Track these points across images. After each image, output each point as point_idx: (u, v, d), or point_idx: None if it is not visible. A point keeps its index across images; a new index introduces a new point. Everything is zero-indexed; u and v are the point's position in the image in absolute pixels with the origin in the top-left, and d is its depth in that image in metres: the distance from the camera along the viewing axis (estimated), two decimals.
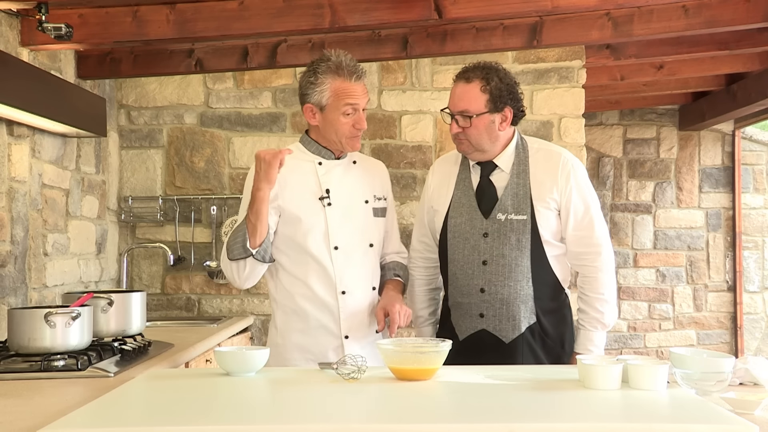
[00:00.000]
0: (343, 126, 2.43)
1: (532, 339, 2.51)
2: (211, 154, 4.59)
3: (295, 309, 2.48)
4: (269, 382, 1.97)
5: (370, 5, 3.38)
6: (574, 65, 4.54)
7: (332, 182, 2.49)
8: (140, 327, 2.73)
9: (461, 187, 2.59)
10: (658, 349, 6.80)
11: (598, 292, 2.52)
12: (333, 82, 2.41)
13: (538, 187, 2.51)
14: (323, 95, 2.41)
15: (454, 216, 2.57)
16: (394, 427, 1.53)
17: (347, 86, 2.41)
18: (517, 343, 2.49)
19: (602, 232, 2.54)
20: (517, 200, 2.50)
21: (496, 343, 2.49)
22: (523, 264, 2.48)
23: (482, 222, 2.52)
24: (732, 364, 1.87)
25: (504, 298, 2.49)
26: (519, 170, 2.53)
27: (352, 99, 2.41)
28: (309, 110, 2.46)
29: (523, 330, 2.50)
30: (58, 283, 3.65)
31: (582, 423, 1.56)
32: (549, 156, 2.55)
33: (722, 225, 6.89)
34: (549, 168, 2.52)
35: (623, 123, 6.94)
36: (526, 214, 2.48)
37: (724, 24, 3.85)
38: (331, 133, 2.46)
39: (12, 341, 2.30)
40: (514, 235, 2.48)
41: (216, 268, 4.50)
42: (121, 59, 4.09)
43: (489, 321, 2.50)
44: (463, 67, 2.55)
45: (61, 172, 3.71)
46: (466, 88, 2.49)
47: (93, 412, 1.63)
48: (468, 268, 2.53)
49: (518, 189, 2.51)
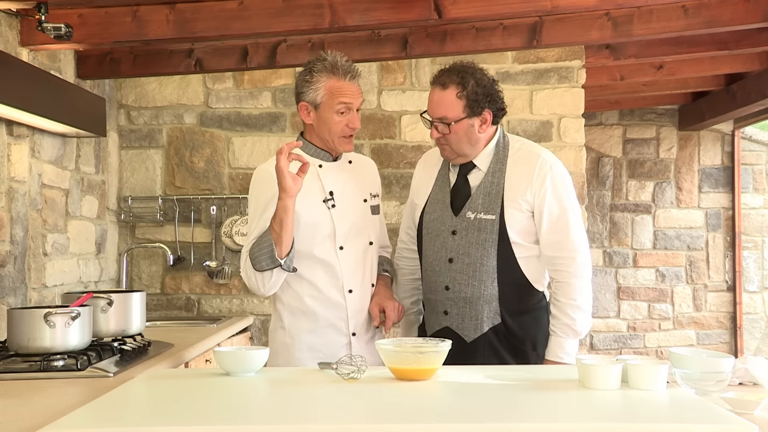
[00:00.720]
0: (336, 125, 2.45)
1: (496, 339, 2.48)
2: (211, 154, 4.59)
3: (303, 309, 2.49)
4: (269, 383, 1.97)
5: (370, 5, 3.38)
6: (574, 65, 4.54)
7: (334, 184, 2.52)
8: (140, 327, 2.73)
9: (439, 183, 2.60)
10: (658, 349, 6.81)
11: (570, 298, 2.46)
12: (328, 81, 2.44)
13: (512, 187, 2.48)
14: (318, 93, 2.45)
15: (429, 212, 2.59)
16: (393, 427, 1.53)
17: (341, 85, 2.44)
18: (477, 343, 2.48)
19: (578, 237, 2.49)
20: (489, 199, 2.48)
21: (458, 341, 2.42)
22: (489, 264, 2.46)
23: (452, 219, 2.52)
24: (731, 364, 1.87)
25: (467, 297, 2.48)
26: (495, 169, 2.51)
27: (345, 98, 2.44)
28: (304, 108, 2.49)
29: (486, 330, 2.48)
30: (57, 283, 3.65)
31: (581, 423, 1.56)
32: (528, 157, 2.52)
33: (722, 225, 6.89)
34: (526, 169, 2.49)
35: (623, 123, 6.94)
36: (495, 213, 2.46)
37: (723, 24, 3.85)
38: (324, 132, 2.48)
39: (11, 341, 2.30)
40: (481, 235, 2.46)
41: (215, 268, 4.50)
42: (120, 59, 4.09)
43: (452, 319, 2.51)
44: (439, 71, 2.51)
45: (60, 172, 3.71)
46: (442, 94, 2.47)
47: (93, 413, 1.63)
48: (436, 264, 2.54)
49: (491, 188, 2.49)
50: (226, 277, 4.51)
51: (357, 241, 2.52)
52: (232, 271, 4.53)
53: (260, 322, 4.53)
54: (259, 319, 4.53)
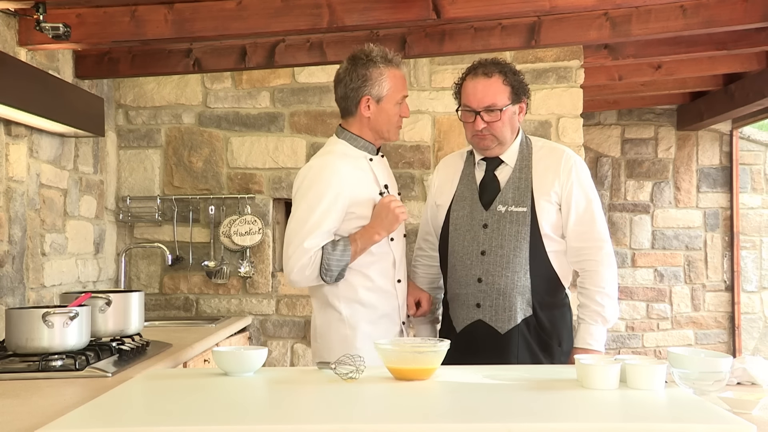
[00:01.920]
0: (395, 116, 2.54)
1: (527, 332, 2.51)
2: (210, 154, 4.58)
3: (361, 301, 2.54)
4: (267, 382, 1.97)
5: (369, 5, 3.38)
6: (572, 65, 4.54)
7: (383, 177, 2.60)
8: (138, 327, 2.73)
9: (465, 181, 2.64)
10: (656, 349, 6.81)
11: (599, 286, 2.52)
12: (389, 72, 2.51)
13: (540, 180, 2.55)
14: (383, 86, 2.50)
15: (456, 209, 2.62)
16: (392, 427, 1.53)
17: (400, 75, 2.54)
18: (512, 334, 2.50)
19: (603, 228, 2.57)
20: (518, 193, 2.53)
21: (492, 333, 2.50)
22: (521, 255, 2.50)
23: (482, 213, 2.55)
24: (730, 363, 1.88)
25: (501, 289, 2.50)
26: (522, 165, 2.57)
27: (405, 88, 2.56)
28: (365, 102, 2.51)
29: (519, 321, 2.51)
30: (56, 283, 3.65)
31: (580, 423, 1.56)
32: (552, 152, 2.61)
33: (720, 225, 6.89)
34: (551, 163, 2.56)
35: (621, 123, 6.94)
36: (526, 206, 2.51)
37: (722, 24, 3.85)
38: (382, 124, 2.54)
39: (10, 341, 2.30)
40: (514, 227, 2.51)
41: (214, 268, 4.49)
42: (119, 59, 4.08)
43: (485, 311, 2.52)
44: (475, 64, 2.59)
45: (59, 171, 3.71)
46: (488, 82, 2.53)
47: (91, 412, 1.63)
48: (467, 258, 2.56)
49: (520, 182, 2.55)
50: (224, 276, 4.51)
51: (400, 233, 2.63)
52: (231, 271, 4.52)
53: (259, 322, 4.53)
54: (258, 319, 4.53)
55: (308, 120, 4.57)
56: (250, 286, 4.55)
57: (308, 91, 4.57)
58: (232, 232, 4.45)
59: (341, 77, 2.54)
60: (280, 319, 4.54)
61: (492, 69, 2.55)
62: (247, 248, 4.49)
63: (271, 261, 4.56)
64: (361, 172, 2.52)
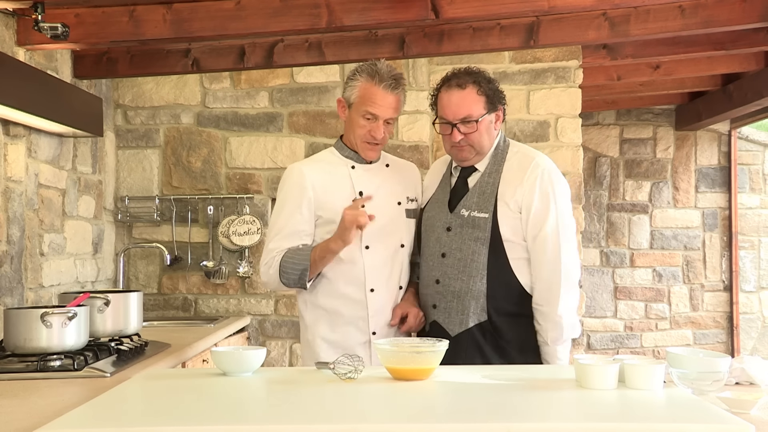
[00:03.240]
0: (360, 129, 2.52)
1: (481, 337, 2.47)
2: (208, 154, 4.58)
3: (323, 306, 2.56)
4: (266, 382, 1.97)
5: (367, 5, 3.38)
6: (571, 65, 4.54)
7: (364, 185, 2.57)
8: (137, 327, 2.73)
9: (441, 185, 2.67)
10: (655, 349, 6.81)
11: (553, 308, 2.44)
12: (364, 84, 2.51)
13: (505, 186, 2.50)
14: (353, 92, 2.53)
15: (427, 210, 2.66)
16: (390, 427, 1.53)
17: (374, 92, 2.49)
18: (461, 338, 2.47)
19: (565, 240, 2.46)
20: (483, 198, 2.51)
21: (444, 335, 2.43)
22: (479, 260, 2.47)
23: (447, 216, 2.56)
24: (728, 363, 1.88)
25: (455, 292, 2.50)
26: (492, 170, 2.54)
27: (373, 106, 2.49)
28: (340, 103, 2.59)
29: (471, 325, 2.48)
30: (54, 283, 3.65)
31: (579, 423, 1.56)
32: (523, 159, 2.54)
33: (719, 225, 6.90)
34: (519, 170, 2.51)
35: (620, 123, 6.94)
36: (488, 212, 2.48)
37: (720, 24, 3.85)
38: (351, 133, 2.57)
39: (8, 341, 2.30)
40: (474, 232, 2.48)
41: (213, 268, 4.49)
42: (117, 59, 4.08)
43: (440, 313, 2.54)
44: (449, 75, 2.54)
45: (57, 171, 3.71)
46: (462, 94, 2.48)
47: (89, 413, 1.63)
48: (429, 259, 2.58)
49: (486, 187, 2.52)
50: (223, 276, 4.51)
51: (386, 242, 2.57)
52: (229, 271, 4.52)
53: (257, 322, 4.53)
54: (256, 319, 4.53)
55: (307, 120, 4.57)
56: (249, 286, 4.54)
57: (307, 91, 4.57)
58: (231, 232, 4.45)
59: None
60: (279, 319, 4.53)
61: (465, 79, 2.49)
62: (246, 248, 4.48)
63: None
64: (335, 180, 2.55)
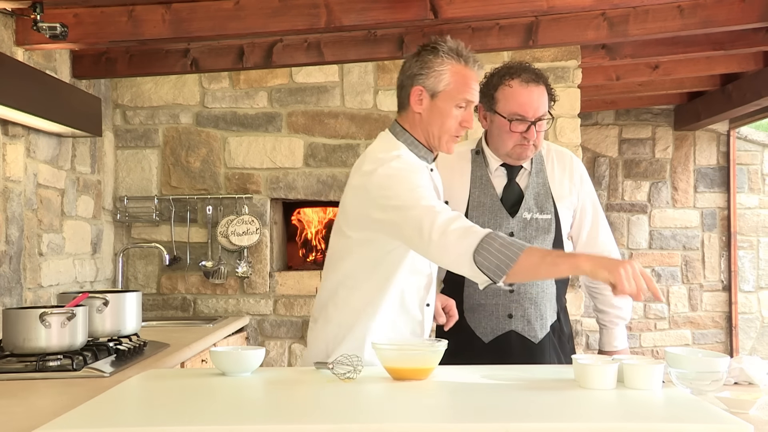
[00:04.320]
0: (452, 119, 2.13)
1: (554, 337, 2.50)
2: (207, 154, 4.58)
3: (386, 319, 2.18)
4: (265, 383, 1.97)
5: (366, 5, 3.38)
6: (570, 65, 4.54)
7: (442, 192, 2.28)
8: (136, 327, 2.73)
9: (479, 186, 2.50)
10: (654, 349, 6.82)
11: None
12: (454, 67, 2.12)
13: (558, 187, 2.50)
14: (440, 79, 2.11)
15: (476, 216, 2.45)
16: (389, 427, 1.53)
17: (470, 75, 2.13)
18: (545, 342, 2.47)
19: (610, 234, 2.63)
20: (539, 199, 2.47)
21: (525, 343, 2.43)
22: None
23: (508, 221, 2.45)
24: (727, 363, 1.88)
25: (533, 297, 2.45)
26: (537, 169, 2.51)
27: (470, 92, 2.14)
28: (417, 93, 2.13)
29: (548, 329, 2.49)
30: (53, 283, 3.65)
31: (578, 423, 1.56)
32: (561, 157, 2.55)
33: (717, 225, 6.90)
34: (564, 170, 2.53)
35: (619, 123, 6.95)
36: (550, 213, 2.47)
37: (719, 24, 3.86)
38: (434, 126, 2.15)
39: (7, 341, 2.30)
40: (540, 234, 2.45)
41: (211, 268, 4.48)
42: (116, 59, 4.08)
43: (517, 321, 2.45)
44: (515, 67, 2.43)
45: (56, 171, 3.71)
46: (541, 90, 2.40)
47: (88, 413, 1.63)
48: None
49: (539, 188, 2.49)
50: (222, 277, 4.51)
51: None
52: (228, 271, 4.52)
53: (256, 322, 4.53)
54: (255, 319, 4.53)
55: (306, 120, 4.57)
56: (248, 286, 4.54)
57: (306, 91, 4.57)
58: (230, 232, 4.45)
59: (404, 63, 2.21)
60: (278, 319, 4.53)
61: (539, 76, 2.42)
62: (245, 248, 4.48)
63: (269, 261, 4.56)
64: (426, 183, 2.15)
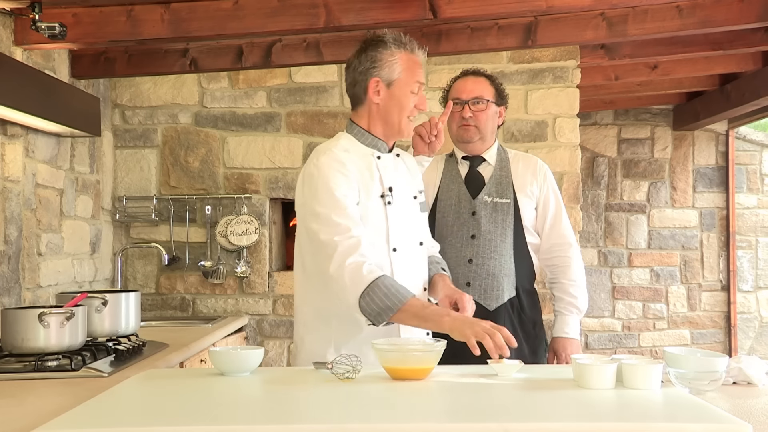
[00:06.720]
0: (409, 104, 2.31)
1: (511, 311, 2.75)
2: (206, 154, 4.58)
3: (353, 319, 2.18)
4: (264, 382, 1.97)
5: (365, 5, 3.38)
6: (569, 65, 4.55)
7: (390, 178, 2.33)
8: (135, 327, 2.73)
9: (448, 176, 2.87)
10: (653, 349, 6.82)
11: (571, 279, 2.83)
12: (403, 56, 2.28)
13: (519, 179, 2.82)
14: (394, 68, 2.26)
15: (444, 198, 2.83)
16: (389, 427, 1.53)
17: (417, 60, 2.31)
18: (500, 311, 2.72)
19: (570, 227, 2.89)
20: (501, 187, 2.80)
21: (481, 310, 2.64)
22: (507, 241, 2.76)
23: (470, 202, 2.79)
24: (726, 363, 1.88)
25: (490, 270, 2.74)
26: (501, 165, 2.85)
27: (420, 75, 2.32)
28: (374, 85, 2.27)
29: (505, 300, 2.74)
30: (52, 283, 3.64)
31: (577, 422, 1.56)
32: (527, 159, 2.90)
33: (716, 225, 6.91)
34: (527, 168, 2.86)
35: (618, 123, 6.95)
36: (509, 198, 2.78)
37: (718, 24, 3.86)
38: (393, 113, 2.30)
39: (5, 341, 2.30)
40: (500, 215, 2.77)
41: (210, 268, 4.49)
42: (115, 59, 4.08)
43: (475, 290, 2.72)
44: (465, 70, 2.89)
45: (55, 171, 3.70)
46: (477, 80, 2.81)
47: (87, 413, 1.63)
48: (457, 242, 2.77)
49: (501, 179, 2.82)
50: (221, 276, 4.51)
51: (409, 242, 2.34)
52: (227, 271, 4.52)
53: (255, 322, 4.53)
54: (254, 319, 4.53)
55: (305, 120, 4.57)
56: (247, 286, 4.54)
57: (305, 91, 4.57)
58: (229, 232, 4.45)
59: (351, 62, 2.33)
60: (277, 319, 4.53)
61: (479, 73, 2.85)
62: (244, 248, 4.48)
63: (268, 261, 4.56)
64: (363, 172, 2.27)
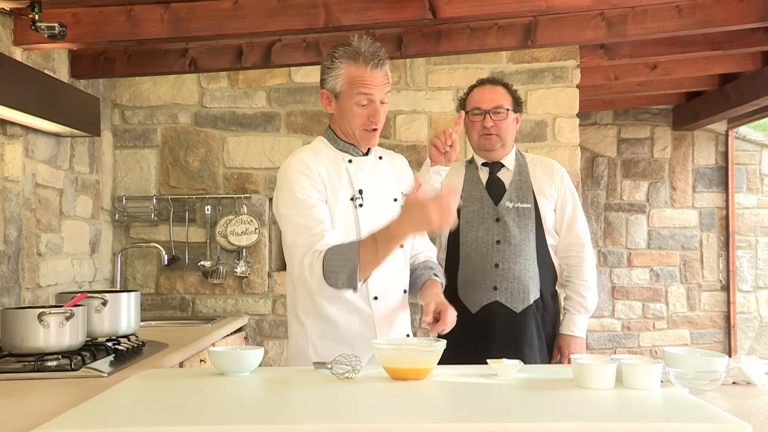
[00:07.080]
0: (356, 117, 2.30)
1: (536, 312, 2.85)
2: (206, 154, 4.58)
3: (326, 316, 2.30)
4: (263, 382, 1.97)
5: (365, 5, 3.38)
6: (569, 65, 4.55)
7: (363, 181, 2.35)
8: (134, 327, 2.73)
9: (470, 183, 2.94)
10: (652, 349, 6.82)
11: (582, 279, 2.92)
12: (348, 69, 2.27)
13: (538, 183, 2.90)
14: (337, 81, 2.29)
15: (467, 206, 2.89)
16: (388, 427, 1.53)
17: (362, 74, 2.26)
18: (526, 314, 2.83)
19: (586, 228, 2.96)
20: (521, 192, 2.89)
21: (508, 313, 2.80)
22: (530, 245, 2.85)
23: (493, 208, 2.88)
24: (725, 363, 1.88)
25: (516, 274, 2.83)
26: (520, 170, 2.93)
27: (365, 88, 2.27)
28: (324, 96, 2.34)
29: (531, 302, 2.84)
30: (51, 283, 3.64)
31: (576, 422, 1.56)
32: (544, 162, 2.98)
33: (716, 225, 6.91)
34: (545, 171, 2.94)
35: (617, 123, 6.96)
36: (529, 203, 2.87)
37: (717, 24, 3.87)
38: (344, 123, 2.33)
39: (5, 341, 2.29)
40: (522, 220, 2.85)
41: (210, 268, 4.48)
42: (114, 59, 4.08)
43: (501, 294, 2.83)
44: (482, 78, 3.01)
45: (54, 171, 3.70)
46: (495, 89, 2.90)
47: (87, 413, 1.63)
48: (483, 247, 2.86)
49: (521, 184, 2.91)
50: (220, 276, 4.51)
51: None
52: (227, 271, 4.52)
53: (255, 322, 4.53)
54: (254, 319, 4.53)
55: (304, 120, 4.57)
56: (247, 286, 4.54)
57: (304, 91, 4.57)
58: (229, 232, 4.45)
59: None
60: (277, 319, 4.53)
61: (496, 82, 2.93)
62: (244, 248, 4.48)
63: (268, 261, 4.56)
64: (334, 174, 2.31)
